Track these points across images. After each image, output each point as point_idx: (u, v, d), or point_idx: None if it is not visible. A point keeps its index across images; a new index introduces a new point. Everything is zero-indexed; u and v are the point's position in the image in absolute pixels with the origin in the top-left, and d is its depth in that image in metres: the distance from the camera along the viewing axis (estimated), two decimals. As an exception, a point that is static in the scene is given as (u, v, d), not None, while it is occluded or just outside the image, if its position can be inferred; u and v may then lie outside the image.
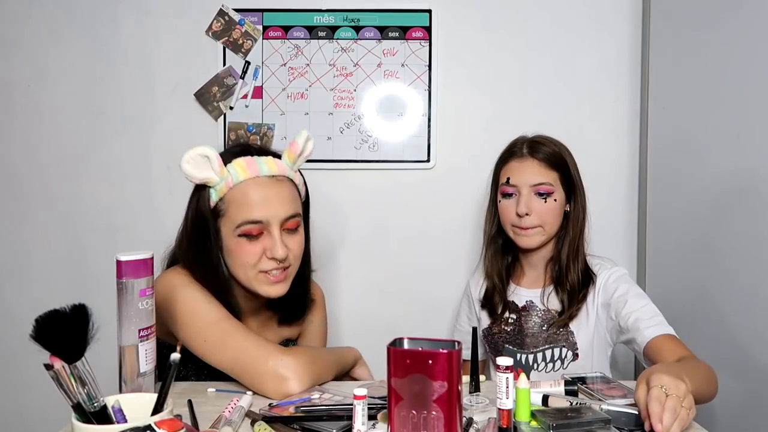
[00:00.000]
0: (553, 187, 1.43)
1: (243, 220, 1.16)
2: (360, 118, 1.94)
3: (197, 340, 1.14)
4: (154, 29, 1.94)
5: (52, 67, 1.95)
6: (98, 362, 0.87)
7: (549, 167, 1.43)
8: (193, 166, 1.14)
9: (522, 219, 1.42)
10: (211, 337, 1.14)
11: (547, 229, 1.44)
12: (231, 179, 1.16)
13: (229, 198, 1.17)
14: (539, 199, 1.42)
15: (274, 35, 1.94)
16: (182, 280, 1.19)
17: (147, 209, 1.96)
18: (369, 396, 0.89)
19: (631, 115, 1.94)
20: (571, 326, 1.43)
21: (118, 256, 1.02)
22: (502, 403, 0.87)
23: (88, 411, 0.82)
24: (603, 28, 1.93)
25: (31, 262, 1.98)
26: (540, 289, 1.49)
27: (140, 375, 1.01)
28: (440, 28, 1.93)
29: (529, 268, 1.53)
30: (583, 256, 1.47)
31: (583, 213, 1.47)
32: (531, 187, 1.42)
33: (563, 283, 1.45)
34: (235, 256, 1.18)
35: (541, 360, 1.45)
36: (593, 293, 1.43)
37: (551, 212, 1.43)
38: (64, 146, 1.96)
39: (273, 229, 1.17)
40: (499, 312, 1.52)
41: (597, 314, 1.42)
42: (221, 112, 1.94)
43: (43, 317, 0.81)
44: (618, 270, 1.45)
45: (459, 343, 0.84)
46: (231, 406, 1.02)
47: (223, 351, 1.13)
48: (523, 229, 1.43)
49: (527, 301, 1.49)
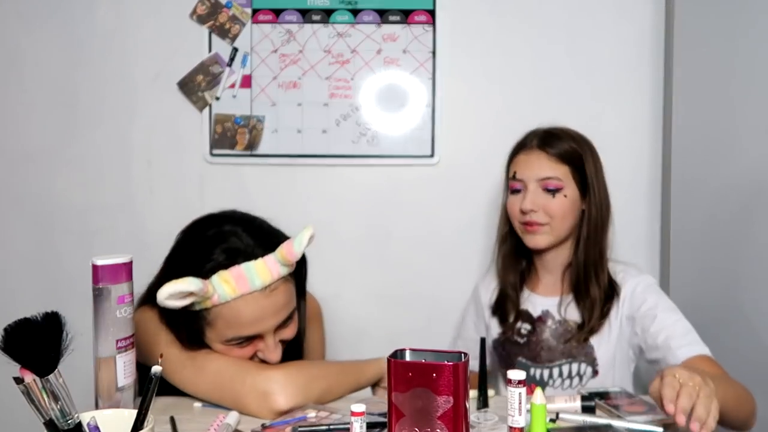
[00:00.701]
0: (563, 182, 1.41)
1: (233, 336, 1.14)
2: (358, 110, 1.94)
3: (176, 374, 1.16)
4: (133, 12, 1.94)
5: (21, 53, 1.95)
6: (72, 375, 0.87)
7: (558, 161, 1.42)
8: (174, 301, 1.08)
9: (527, 215, 1.41)
10: (188, 368, 1.15)
11: (555, 227, 1.42)
12: (217, 297, 1.10)
13: (216, 313, 1.12)
14: (547, 195, 1.41)
15: (264, 19, 1.94)
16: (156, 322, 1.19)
17: (126, 209, 1.96)
18: (368, 413, 0.89)
19: (653, 106, 1.94)
20: (591, 340, 1.42)
21: (94, 260, 1.02)
22: (514, 420, 0.87)
23: (61, 428, 0.82)
24: (622, 11, 1.93)
25: (0, 267, 1.98)
26: (557, 298, 1.48)
27: (118, 389, 1.01)
28: (445, 12, 1.93)
29: (544, 272, 1.52)
30: (606, 268, 1.45)
31: (600, 213, 1.45)
32: (538, 182, 1.41)
33: (582, 295, 1.43)
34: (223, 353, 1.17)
35: (557, 376, 1.44)
36: (617, 305, 1.42)
37: (560, 209, 1.41)
38: (34, 141, 1.96)
39: (267, 338, 1.16)
40: (511, 321, 1.50)
41: (621, 327, 1.41)
42: (206, 102, 1.94)
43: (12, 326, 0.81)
44: (645, 278, 1.44)
45: (466, 355, 0.84)
46: (217, 423, 1.02)
47: (201, 378, 1.14)
48: (530, 226, 1.42)
49: (543, 311, 1.48)
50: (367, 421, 0.89)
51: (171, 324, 1.17)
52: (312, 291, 1.50)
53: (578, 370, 1.42)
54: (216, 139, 1.94)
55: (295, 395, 1.11)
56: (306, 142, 1.94)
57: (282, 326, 1.18)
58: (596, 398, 1.13)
